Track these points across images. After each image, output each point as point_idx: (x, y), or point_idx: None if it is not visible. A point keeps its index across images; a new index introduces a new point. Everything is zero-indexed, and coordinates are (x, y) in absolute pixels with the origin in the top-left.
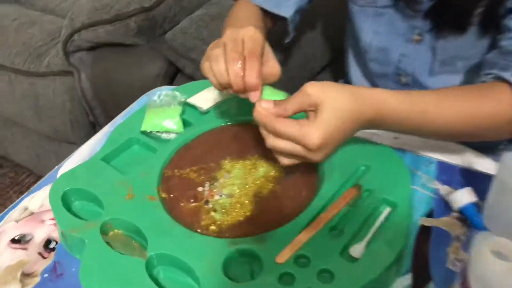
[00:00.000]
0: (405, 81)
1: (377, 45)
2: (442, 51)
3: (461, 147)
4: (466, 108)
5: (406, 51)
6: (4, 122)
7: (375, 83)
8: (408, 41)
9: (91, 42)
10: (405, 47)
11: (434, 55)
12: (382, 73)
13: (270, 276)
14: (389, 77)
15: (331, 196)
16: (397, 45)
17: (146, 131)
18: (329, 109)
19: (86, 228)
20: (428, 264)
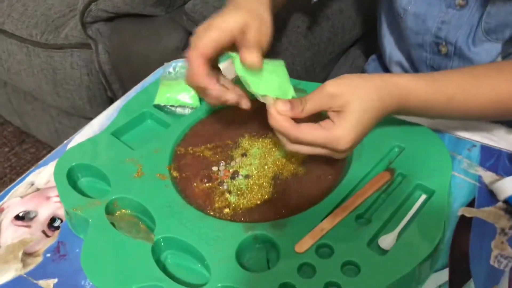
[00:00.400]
0: (444, 51)
1: (413, 11)
2: (489, 18)
3: (508, 129)
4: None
5: (447, 18)
6: (24, 96)
7: (411, 55)
8: (450, 6)
9: (109, 12)
10: (446, 13)
11: (479, 21)
12: (419, 44)
13: (287, 267)
14: (426, 47)
15: (359, 180)
16: (436, 10)
17: (159, 105)
18: (358, 112)
19: (91, 206)
20: (468, 259)
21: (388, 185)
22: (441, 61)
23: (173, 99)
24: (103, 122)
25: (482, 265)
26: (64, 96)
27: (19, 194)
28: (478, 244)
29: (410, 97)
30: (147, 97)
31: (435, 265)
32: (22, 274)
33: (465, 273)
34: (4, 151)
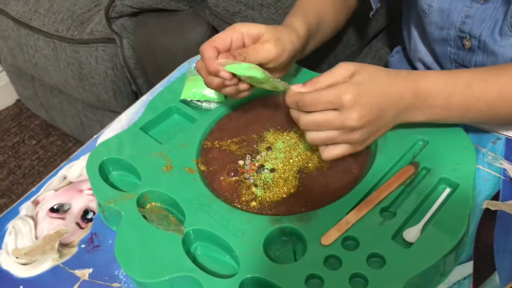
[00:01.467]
0: (468, 45)
1: (439, 6)
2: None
3: None
4: None
5: (471, 12)
6: (51, 90)
7: (434, 50)
8: (474, 0)
9: (133, 8)
10: (470, 7)
11: (505, 16)
12: (443, 38)
13: (314, 259)
14: (450, 42)
15: (384, 174)
16: (461, 5)
17: (186, 100)
18: (364, 74)
19: (123, 200)
20: (492, 252)
21: (412, 178)
22: (465, 56)
23: (199, 94)
24: (131, 117)
25: (506, 258)
26: (89, 90)
27: (53, 187)
28: (502, 237)
29: (424, 81)
30: (173, 92)
31: (459, 257)
32: (59, 264)
33: (490, 265)
34: (31, 143)
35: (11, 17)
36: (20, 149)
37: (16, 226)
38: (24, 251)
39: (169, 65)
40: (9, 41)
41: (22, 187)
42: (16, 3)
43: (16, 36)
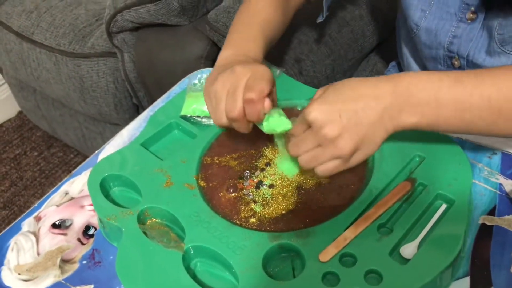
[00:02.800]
0: (458, 65)
1: (425, 26)
2: (501, 29)
3: None
4: None
5: (458, 32)
6: (53, 103)
7: (426, 67)
8: (461, 20)
9: (133, 23)
10: (457, 27)
11: (491, 34)
12: (433, 57)
13: (312, 275)
14: (440, 61)
15: (381, 190)
16: (448, 25)
17: (186, 116)
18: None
19: (124, 216)
20: (488, 267)
21: (409, 195)
22: None
23: (199, 110)
24: (132, 132)
25: (503, 274)
26: (91, 103)
27: (54, 202)
28: (499, 252)
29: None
30: (173, 108)
31: (456, 273)
32: (60, 280)
33: (486, 281)
34: (33, 155)
35: (14, 31)
36: (22, 161)
37: (18, 242)
38: (26, 267)
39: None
40: (11, 54)
41: (24, 199)
42: (19, 18)
43: (19, 49)
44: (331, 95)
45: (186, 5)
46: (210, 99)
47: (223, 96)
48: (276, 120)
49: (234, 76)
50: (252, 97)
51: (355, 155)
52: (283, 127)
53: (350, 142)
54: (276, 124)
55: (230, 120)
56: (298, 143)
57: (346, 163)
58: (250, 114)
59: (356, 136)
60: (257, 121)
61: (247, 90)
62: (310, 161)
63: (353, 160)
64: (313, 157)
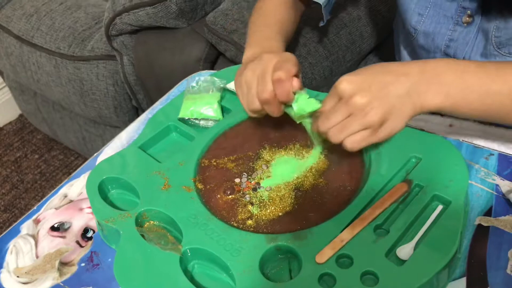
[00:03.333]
0: None
1: (423, 30)
2: (498, 32)
3: None
4: None
5: (455, 35)
6: (53, 106)
7: None
8: (457, 23)
9: (132, 25)
10: (454, 31)
11: (487, 37)
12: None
13: (309, 277)
14: None
15: (377, 191)
16: (444, 29)
17: (184, 118)
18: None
19: (122, 218)
20: (485, 268)
21: (405, 196)
22: None
23: (196, 112)
24: (130, 135)
25: (499, 274)
26: (91, 105)
27: (53, 205)
28: (495, 253)
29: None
30: (171, 111)
31: (452, 274)
32: (59, 283)
33: (482, 282)
34: (34, 158)
35: (14, 35)
36: (23, 164)
37: (17, 245)
38: (25, 270)
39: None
40: (12, 58)
41: (25, 202)
42: (19, 21)
43: (19, 53)
44: (360, 71)
45: (185, 7)
46: (241, 87)
47: (253, 81)
48: (305, 100)
49: (263, 62)
50: (281, 76)
51: (383, 127)
52: (313, 106)
53: (379, 110)
54: (306, 104)
55: (262, 102)
56: (328, 116)
57: (374, 135)
58: (280, 93)
59: (385, 105)
60: (287, 101)
61: (275, 70)
62: (340, 131)
63: (381, 132)
64: (343, 127)
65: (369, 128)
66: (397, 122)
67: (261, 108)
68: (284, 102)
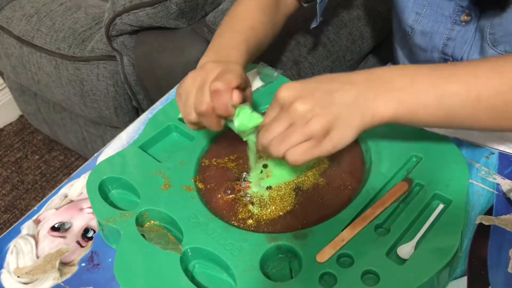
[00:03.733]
0: None
1: (420, 29)
2: (493, 28)
3: None
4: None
5: (452, 34)
6: (53, 106)
7: None
8: (455, 22)
9: (133, 26)
10: (452, 30)
11: (483, 35)
12: (427, 60)
13: (309, 276)
14: (434, 62)
15: (378, 191)
16: (442, 28)
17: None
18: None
19: (122, 218)
20: (486, 267)
21: (406, 195)
22: None
23: None
24: (131, 135)
25: (500, 273)
26: (91, 106)
27: (54, 205)
28: (496, 252)
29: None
30: (172, 111)
31: (453, 273)
32: (59, 283)
33: (483, 281)
34: (34, 158)
35: (14, 36)
36: (23, 164)
37: (18, 245)
38: (25, 270)
39: (169, 81)
40: (12, 58)
41: (25, 202)
42: (19, 22)
43: (19, 54)
44: (304, 80)
45: (185, 8)
46: (180, 96)
47: (192, 91)
48: (247, 115)
49: (204, 72)
50: (218, 86)
51: (328, 137)
52: (255, 121)
53: (323, 118)
54: (247, 119)
55: (199, 115)
56: (268, 127)
57: (318, 146)
58: (218, 106)
59: (330, 113)
60: (225, 114)
61: (214, 81)
62: (280, 143)
63: (325, 144)
64: (283, 137)
65: (312, 139)
66: (344, 133)
67: (199, 120)
68: (223, 116)
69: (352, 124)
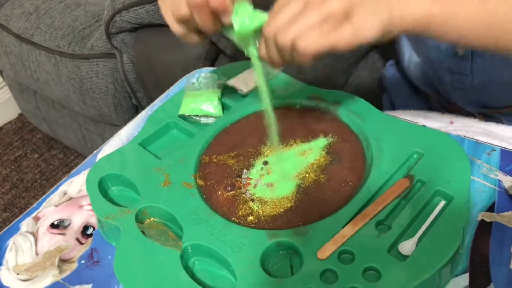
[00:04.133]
0: (461, 53)
1: None
2: None
3: None
4: None
5: None
6: (53, 104)
7: (430, 57)
8: None
9: (132, 23)
10: None
11: None
12: (435, 46)
13: (310, 273)
14: (443, 50)
15: (379, 187)
16: None
17: (184, 115)
18: None
19: (122, 215)
20: (488, 264)
21: (407, 191)
22: (460, 63)
23: (197, 109)
24: (130, 132)
25: (502, 270)
26: (90, 104)
27: (53, 203)
28: (498, 248)
29: None
30: (172, 108)
31: (455, 269)
32: (59, 280)
33: (485, 277)
34: (34, 157)
35: (13, 33)
36: (23, 163)
37: (17, 243)
38: (24, 267)
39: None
40: (11, 56)
41: (25, 201)
42: (18, 20)
43: (18, 52)
44: None
45: None
46: None
47: None
48: (248, 12)
49: None
50: None
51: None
52: (259, 20)
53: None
54: (249, 17)
55: (191, 7)
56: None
57: (336, 31)
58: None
59: None
60: (221, 8)
61: None
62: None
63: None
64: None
65: (329, 21)
66: (367, 21)
67: (190, 15)
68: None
69: (378, 13)
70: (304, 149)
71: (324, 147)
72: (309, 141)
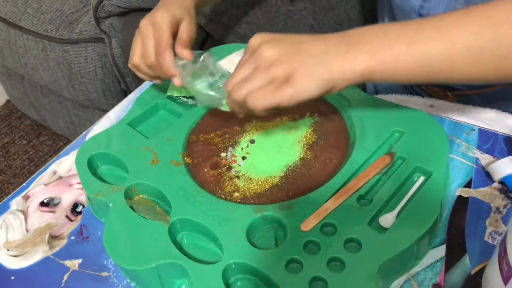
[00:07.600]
0: None
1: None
2: None
3: (505, 115)
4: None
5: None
6: (41, 90)
7: None
8: None
9: (121, 7)
10: None
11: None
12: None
13: (294, 244)
14: None
15: (362, 164)
16: None
17: (172, 96)
18: None
19: (111, 192)
20: (463, 236)
21: (388, 168)
22: None
23: (185, 90)
24: (119, 113)
25: (477, 241)
26: (79, 89)
27: (43, 182)
28: (473, 222)
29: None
30: (160, 89)
31: (433, 242)
32: (49, 255)
33: (461, 248)
34: (22, 143)
35: (0, 18)
36: (11, 150)
37: (7, 220)
38: (15, 243)
39: None
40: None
41: (13, 187)
42: (5, 4)
43: (5, 36)
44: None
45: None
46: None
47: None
48: None
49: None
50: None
51: (289, 84)
52: None
53: (286, 64)
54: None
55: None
56: (234, 73)
57: (278, 91)
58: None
59: (294, 60)
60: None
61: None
62: (242, 86)
63: (286, 89)
64: (245, 81)
65: (272, 84)
66: (306, 82)
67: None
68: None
69: (316, 75)
70: (291, 127)
71: (310, 125)
72: (295, 120)
